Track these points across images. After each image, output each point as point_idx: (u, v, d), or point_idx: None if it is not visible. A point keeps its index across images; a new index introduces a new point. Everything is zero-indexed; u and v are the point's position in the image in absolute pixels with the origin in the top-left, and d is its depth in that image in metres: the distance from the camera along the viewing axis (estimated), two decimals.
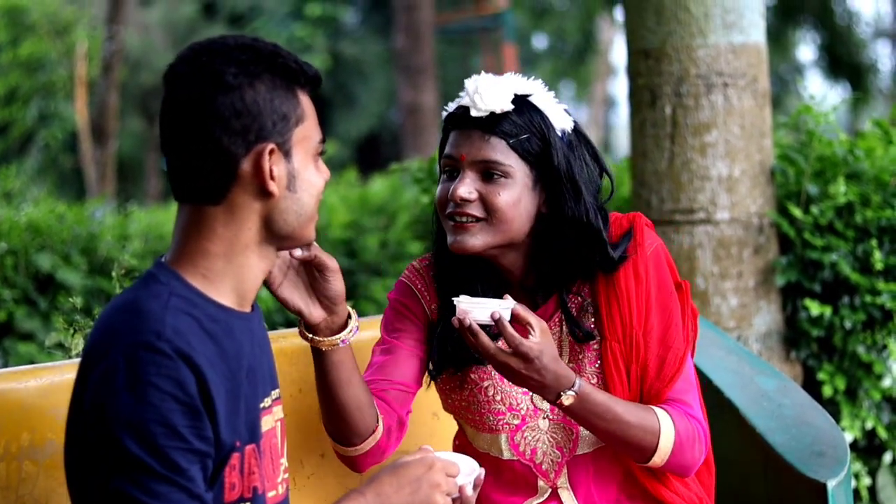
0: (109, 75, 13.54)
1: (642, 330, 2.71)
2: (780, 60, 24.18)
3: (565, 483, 2.77)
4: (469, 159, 2.64)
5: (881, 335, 4.52)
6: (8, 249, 6.15)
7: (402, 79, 17.18)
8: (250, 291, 2.21)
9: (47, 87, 17.18)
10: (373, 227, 7.87)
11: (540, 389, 2.56)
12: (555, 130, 2.66)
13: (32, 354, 5.79)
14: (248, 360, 2.19)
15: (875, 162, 4.69)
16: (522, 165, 2.65)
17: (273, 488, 2.24)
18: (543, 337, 2.53)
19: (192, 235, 2.16)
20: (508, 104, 2.63)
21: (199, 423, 2.04)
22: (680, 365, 2.71)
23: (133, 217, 7.32)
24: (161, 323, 2.04)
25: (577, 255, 2.69)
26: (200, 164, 2.13)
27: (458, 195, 2.63)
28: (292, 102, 2.19)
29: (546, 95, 2.70)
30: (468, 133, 2.65)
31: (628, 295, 2.72)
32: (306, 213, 2.22)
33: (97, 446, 2.01)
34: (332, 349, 2.62)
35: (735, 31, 4.51)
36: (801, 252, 4.57)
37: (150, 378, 1.99)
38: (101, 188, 13.67)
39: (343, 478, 3.04)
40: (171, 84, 2.18)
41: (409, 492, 2.20)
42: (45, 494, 2.55)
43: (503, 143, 2.63)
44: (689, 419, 2.70)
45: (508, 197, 2.64)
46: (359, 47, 26.78)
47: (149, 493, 1.98)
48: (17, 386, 2.57)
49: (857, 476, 4.53)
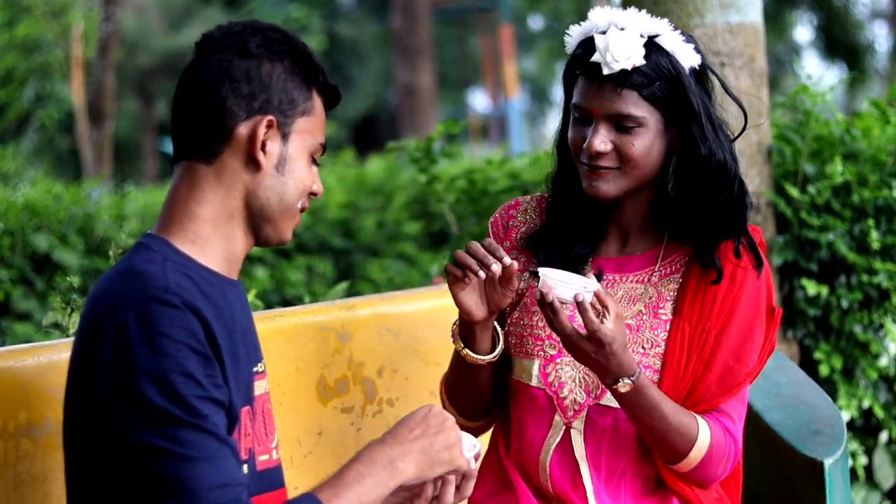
0: (106, 56, 13.49)
1: (717, 330, 2.70)
2: (778, 41, 24.16)
3: (580, 426, 2.75)
4: (602, 113, 2.65)
5: (878, 314, 4.53)
6: (4, 230, 6.15)
7: (398, 59, 17.18)
8: (236, 261, 2.26)
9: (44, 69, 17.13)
10: (370, 207, 7.87)
11: (602, 371, 2.58)
12: (685, 72, 2.66)
13: (29, 334, 5.79)
14: (242, 323, 2.23)
15: (872, 142, 4.68)
16: (654, 112, 2.65)
17: (266, 452, 2.27)
18: (617, 323, 2.54)
19: (182, 196, 2.21)
20: (641, 58, 2.63)
21: (213, 371, 2.08)
22: (744, 380, 2.70)
23: (129, 197, 7.32)
24: (164, 279, 2.08)
25: (711, 200, 2.70)
26: (202, 118, 2.20)
27: (595, 149, 2.64)
28: (304, 93, 2.26)
29: (673, 34, 2.68)
30: (599, 85, 2.65)
31: (717, 289, 2.71)
32: (288, 203, 2.25)
33: (116, 405, 2.02)
34: (471, 361, 2.71)
35: (732, 11, 4.50)
36: (797, 231, 4.57)
37: (163, 330, 2.03)
38: (98, 169, 13.63)
39: (340, 456, 3.04)
40: (200, 46, 2.26)
41: (420, 432, 2.25)
42: (42, 472, 2.56)
43: (635, 95, 2.63)
44: (726, 435, 2.69)
45: (642, 146, 2.65)
46: (355, 28, 26.76)
47: (176, 442, 2.01)
48: (15, 364, 2.57)
49: (854, 455, 4.54)
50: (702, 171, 2.69)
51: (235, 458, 2.08)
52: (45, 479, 2.56)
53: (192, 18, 26.55)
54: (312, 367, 3.02)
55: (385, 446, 2.22)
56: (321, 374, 3.03)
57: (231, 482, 2.04)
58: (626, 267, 2.79)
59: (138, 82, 25.83)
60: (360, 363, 3.10)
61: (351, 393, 3.08)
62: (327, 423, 3.04)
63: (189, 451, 2.01)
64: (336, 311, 3.11)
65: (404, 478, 2.21)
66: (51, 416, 2.57)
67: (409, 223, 7.73)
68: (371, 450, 2.22)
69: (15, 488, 2.52)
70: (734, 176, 2.71)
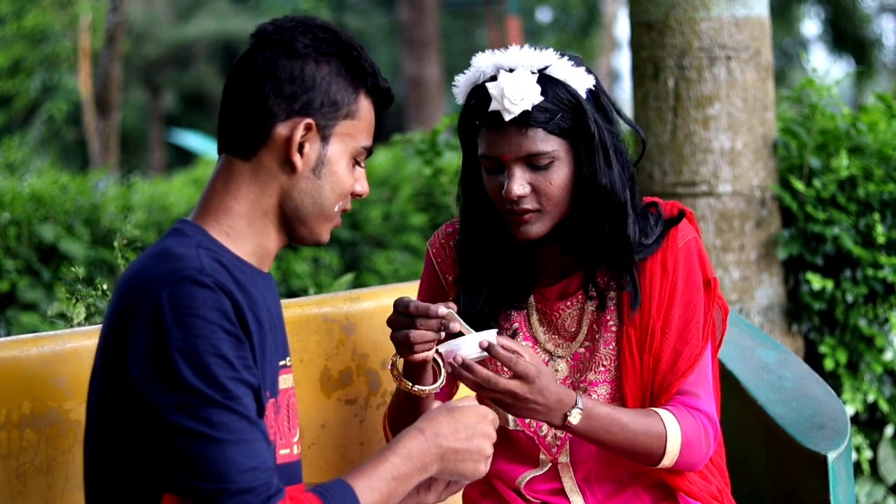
0: (113, 47, 13.49)
1: (661, 322, 2.71)
2: (785, 35, 24.12)
3: (566, 459, 2.77)
4: (513, 157, 2.62)
5: (883, 309, 4.53)
6: (11, 220, 6.16)
7: (405, 52, 17.14)
8: (268, 256, 2.27)
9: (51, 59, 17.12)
10: (376, 199, 7.86)
11: (546, 414, 2.55)
12: (582, 98, 2.64)
13: (35, 325, 5.81)
14: (271, 315, 2.23)
15: (878, 136, 4.68)
16: (563, 142, 2.63)
17: (288, 447, 2.27)
18: (534, 357, 2.54)
19: (219, 190, 2.22)
20: (538, 95, 2.60)
21: (245, 353, 2.09)
22: (695, 360, 2.71)
23: (136, 188, 7.33)
24: (199, 261, 2.09)
25: (601, 229, 2.68)
26: (243, 114, 2.21)
27: (515, 193, 2.61)
28: (350, 96, 2.25)
29: (561, 62, 2.65)
30: (503, 132, 2.62)
31: (651, 285, 2.71)
32: (323, 205, 2.25)
33: (151, 384, 2.03)
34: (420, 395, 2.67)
35: (738, 4, 4.50)
36: (803, 225, 4.57)
37: (197, 310, 2.04)
38: (105, 159, 13.63)
39: (344, 448, 3.05)
40: (253, 38, 2.26)
41: (464, 437, 2.25)
42: (46, 463, 2.56)
43: (541, 131, 2.61)
44: (693, 414, 2.69)
45: (559, 180, 2.63)
46: (363, 20, 26.73)
47: (208, 424, 2.01)
48: (19, 354, 2.57)
49: (859, 449, 4.54)
50: (587, 194, 2.67)
51: (266, 440, 2.09)
52: (48, 470, 2.56)
53: (199, 9, 26.56)
54: (316, 358, 3.02)
55: (425, 441, 2.21)
56: (325, 365, 3.04)
57: (261, 465, 2.05)
58: (569, 290, 2.79)
59: (145, 73, 25.83)
60: (364, 355, 3.10)
61: (355, 385, 3.08)
62: (331, 415, 3.04)
63: (221, 433, 2.01)
64: (340, 302, 3.11)
65: (429, 475, 2.23)
66: (55, 407, 2.58)
67: (415, 215, 7.73)
68: (410, 442, 2.21)
69: (18, 478, 2.53)
70: (621, 202, 2.67)
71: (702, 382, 2.73)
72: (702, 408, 2.71)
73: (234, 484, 2.01)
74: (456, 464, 2.24)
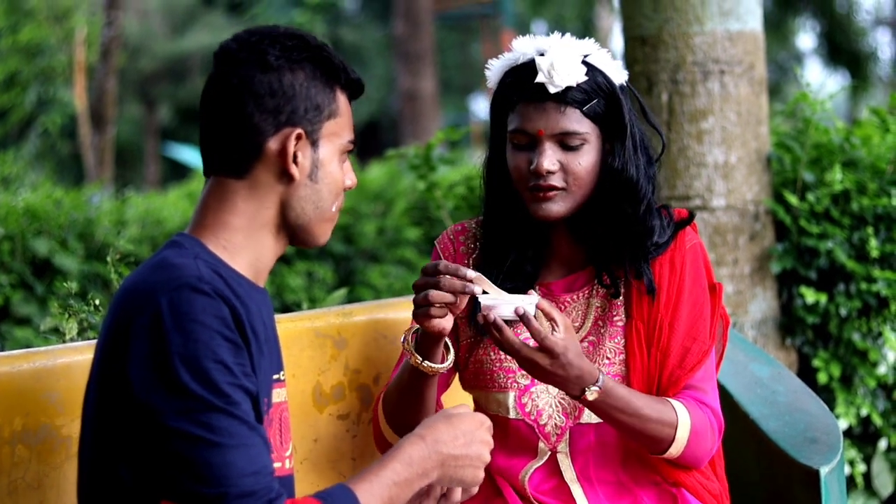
0: (108, 61, 13.50)
1: (669, 318, 2.75)
2: (780, 48, 24.15)
3: (565, 449, 2.79)
4: (548, 133, 2.68)
5: (876, 323, 4.53)
6: (5, 234, 6.14)
7: (400, 65, 17.17)
8: (264, 270, 2.28)
9: (46, 73, 17.15)
10: (370, 213, 7.86)
11: (564, 385, 2.58)
12: (617, 87, 2.72)
13: (29, 339, 5.79)
14: (266, 329, 2.24)
15: (872, 150, 4.69)
16: (594, 128, 2.70)
17: (280, 461, 2.27)
18: (568, 333, 2.56)
19: (213, 208, 2.23)
20: (583, 75, 2.68)
21: (243, 360, 2.10)
22: (703, 357, 2.75)
23: (130, 203, 7.32)
24: (198, 270, 2.11)
25: (623, 213, 2.73)
26: (230, 136, 2.21)
27: (545, 168, 2.68)
28: (328, 96, 2.26)
29: (601, 52, 2.74)
30: (542, 106, 2.69)
31: (660, 281, 2.76)
32: (323, 208, 2.27)
33: (151, 390, 2.03)
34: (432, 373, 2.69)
35: (732, 19, 4.51)
36: (796, 239, 4.57)
37: (196, 316, 2.05)
38: (100, 174, 13.63)
39: (336, 462, 3.05)
40: (218, 58, 2.26)
41: (463, 443, 2.26)
42: (37, 479, 2.56)
43: (578, 112, 2.69)
44: (702, 407, 2.73)
45: (587, 163, 2.70)
46: (358, 33, 26.77)
47: (209, 429, 2.02)
48: (11, 370, 2.57)
49: (853, 463, 4.53)
50: (612, 183, 2.73)
51: (266, 445, 2.10)
52: (39, 486, 2.56)
53: (194, 23, 26.59)
54: (308, 373, 3.02)
55: (426, 448, 2.22)
56: (317, 380, 3.04)
57: (262, 470, 2.06)
58: (574, 285, 2.83)
59: (141, 87, 25.87)
60: (356, 370, 3.10)
61: (347, 400, 3.08)
62: (323, 430, 3.04)
63: (222, 438, 2.02)
64: (332, 317, 3.11)
65: (429, 481, 2.24)
66: (46, 423, 2.57)
67: (409, 229, 7.72)
68: (411, 448, 2.22)
69: (9, 494, 2.52)
70: (643, 196, 2.75)
71: (709, 380, 2.78)
72: (709, 403, 2.76)
73: (236, 488, 2.02)
74: (456, 470, 2.25)
